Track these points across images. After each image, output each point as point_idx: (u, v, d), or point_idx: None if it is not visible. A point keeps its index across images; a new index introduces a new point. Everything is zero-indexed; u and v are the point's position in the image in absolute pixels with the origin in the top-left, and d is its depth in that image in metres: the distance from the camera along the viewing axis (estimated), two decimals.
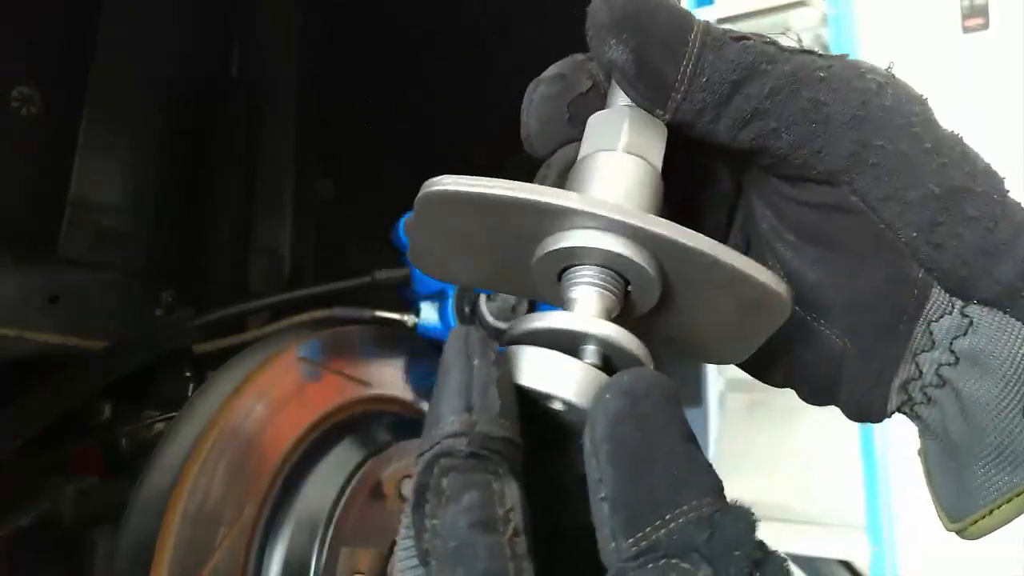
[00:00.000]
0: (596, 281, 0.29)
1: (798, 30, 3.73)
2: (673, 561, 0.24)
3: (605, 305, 0.29)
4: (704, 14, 3.39)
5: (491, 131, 1.22)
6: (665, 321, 0.32)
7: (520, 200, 0.28)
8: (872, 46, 3.48)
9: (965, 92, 3.02)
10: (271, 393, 0.78)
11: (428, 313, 0.95)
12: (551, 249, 0.29)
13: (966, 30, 3.22)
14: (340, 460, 0.81)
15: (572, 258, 0.29)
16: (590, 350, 0.28)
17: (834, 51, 3.23)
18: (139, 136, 0.99)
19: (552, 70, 0.35)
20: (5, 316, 0.86)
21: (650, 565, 0.24)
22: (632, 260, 0.28)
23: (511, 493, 0.25)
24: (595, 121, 0.33)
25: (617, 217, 0.28)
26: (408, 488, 0.80)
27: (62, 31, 0.91)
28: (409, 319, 0.95)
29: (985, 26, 3.17)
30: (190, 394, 0.88)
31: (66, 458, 0.91)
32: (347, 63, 1.18)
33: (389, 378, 0.93)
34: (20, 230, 0.89)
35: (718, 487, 0.26)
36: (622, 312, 0.30)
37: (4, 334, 0.85)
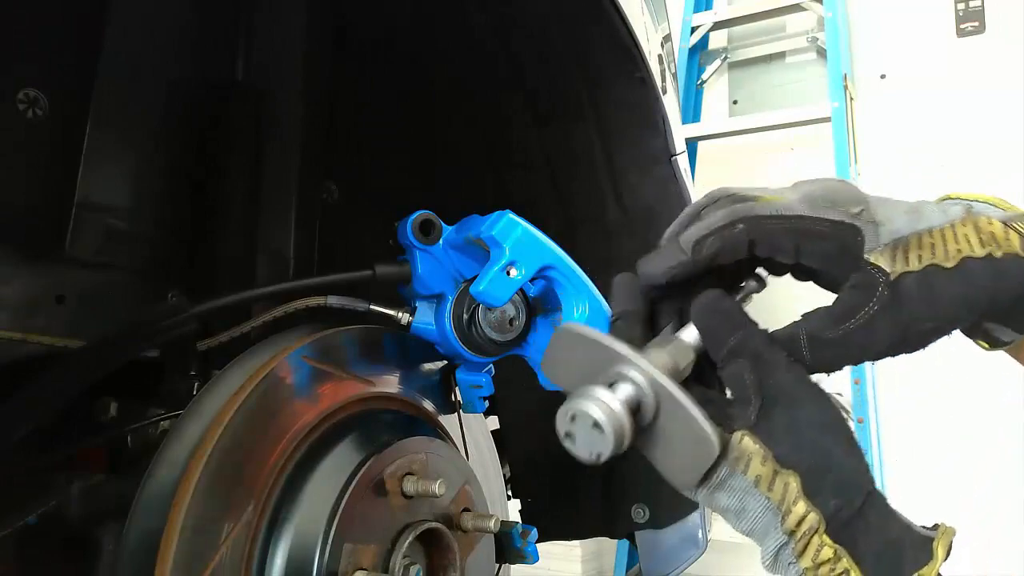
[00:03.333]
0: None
1: (794, 33, 3.75)
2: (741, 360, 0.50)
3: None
4: (703, 18, 3.39)
5: (491, 133, 1.23)
6: (651, 439, 0.49)
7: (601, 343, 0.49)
8: (867, 49, 3.50)
9: (960, 95, 3.03)
10: (275, 392, 0.79)
11: (424, 313, 0.95)
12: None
13: (961, 33, 3.23)
14: (342, 458, 0.81)
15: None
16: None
17: (829, 54, 3.23)
18: (145, 138, 1.00)
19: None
20: (12, 317, 0.87)
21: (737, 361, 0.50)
22: (638, 383, 0.47)
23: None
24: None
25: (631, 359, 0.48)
26: (411, 486, 0.81)
27: (68, 33, 0.92)
28: (403, 316, 0.95)
29: (980, 29, 3.19)
30: (195, 393, 0.89)
31: (72, 456, 0.91)
32: (352, 67, 1.18)
33: (390, 377, 0.94)
34: (27, 231, 0.90)
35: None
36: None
37: (9, 337, 0.86)
